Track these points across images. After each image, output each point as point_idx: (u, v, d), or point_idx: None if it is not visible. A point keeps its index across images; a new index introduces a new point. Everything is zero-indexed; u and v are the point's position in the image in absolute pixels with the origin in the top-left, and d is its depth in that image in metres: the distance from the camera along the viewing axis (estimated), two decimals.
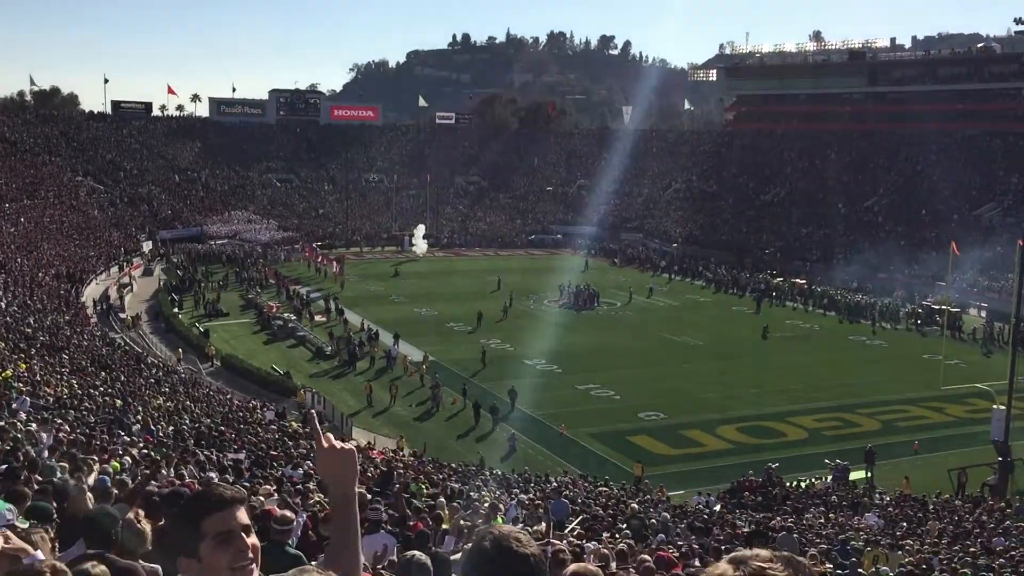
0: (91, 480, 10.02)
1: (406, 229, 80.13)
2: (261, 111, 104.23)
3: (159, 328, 48.30)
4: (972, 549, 19.01)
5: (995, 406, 32.86)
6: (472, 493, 20.44)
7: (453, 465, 27.11)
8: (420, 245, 77.17)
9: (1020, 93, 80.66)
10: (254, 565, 2.48)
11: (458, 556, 7.22)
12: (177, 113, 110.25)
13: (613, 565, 9.88)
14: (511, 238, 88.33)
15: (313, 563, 5.54)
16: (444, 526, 11.28)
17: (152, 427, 20.73)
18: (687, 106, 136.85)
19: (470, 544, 2.29)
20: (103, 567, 3.58)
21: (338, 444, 2.66)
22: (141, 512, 5.27)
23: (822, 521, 22.42)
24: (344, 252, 72.34)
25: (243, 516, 2.48)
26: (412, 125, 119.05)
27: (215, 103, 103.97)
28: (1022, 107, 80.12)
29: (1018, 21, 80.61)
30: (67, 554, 4.92)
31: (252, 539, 2.50)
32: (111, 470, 12.12)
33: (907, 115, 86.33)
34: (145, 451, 16.24)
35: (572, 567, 3.49)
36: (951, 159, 78.50)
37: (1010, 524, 22.77)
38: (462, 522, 12.17)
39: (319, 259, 67.34)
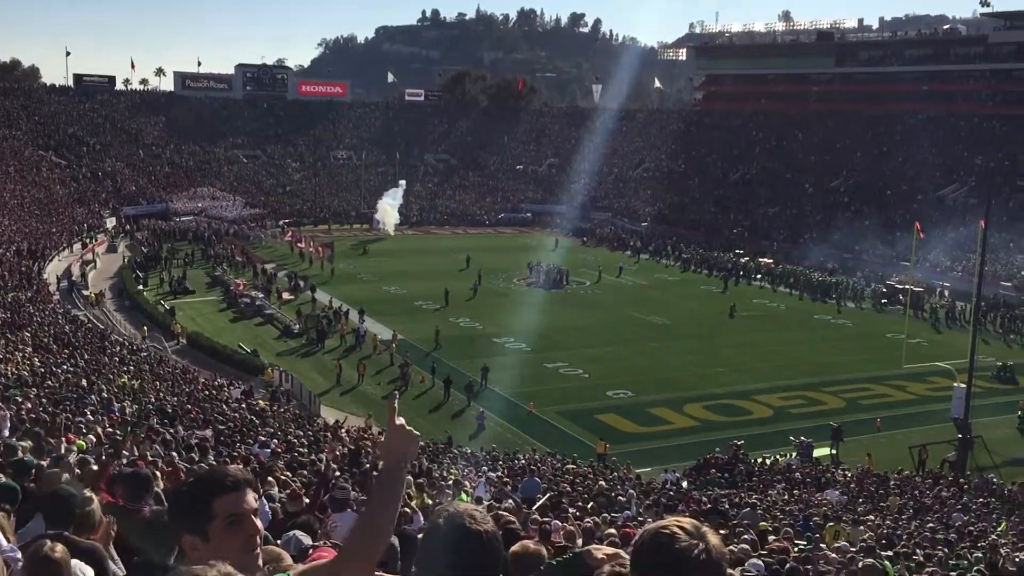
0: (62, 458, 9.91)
1: (375, 208, 79.22)
2: (227, 86, 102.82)
3: (123, 305, 47.74)
4: (931, 524, 19.39)
5: (956, 384, 33.44)
6: (443, 471, 20.49)
7: (421, 443, 27.11)
8: (386, 210, 76.42)
9: (984, 75, 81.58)
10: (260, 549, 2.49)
11: None
12: (141, 87, 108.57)
13: (579, 542, 9.96)
14: (480, 217, 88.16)
15: (278, 542, 5.53)
16: (412, 504, 11.29)
17: (116, 405, 20.52)
18: (657, 85, 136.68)
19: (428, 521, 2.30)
20: (62, 547, 3.53)
21: (407, 426, 2.70)
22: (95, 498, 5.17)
23: (786, 497, 22.71)
24: (330, 238, 67.51)
25: (251, 499, 2.49)
26: (380, 102, 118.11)
27: (180, 77, 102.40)
28: (986, 88, 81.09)
29: (984, 3, 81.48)
30: (26, 531, 4.85)
31: (257, 522, 2.50)
32: (76, 449, 11.99)
33: (874, 96, 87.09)
34: (109, 429, 16.08)
35: (515, 546, 3.49)
36: (917, 140, 79.24)
37: (968, 500, 23.24)
38: (428, 500, 12.20)
39: (303, 243, 63.58)
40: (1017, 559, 14.66)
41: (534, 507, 14.69)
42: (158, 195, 79.07)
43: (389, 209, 76.75)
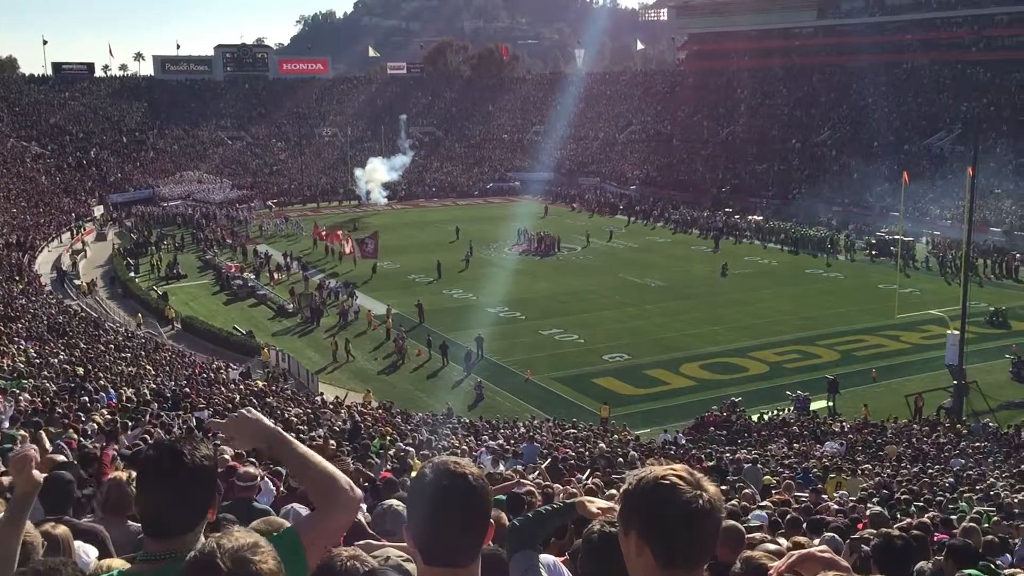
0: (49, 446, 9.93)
1: (363, 169, 79.21)
2: (207, 68, 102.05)
3: (116, 293, 47.61)
4: (930, 471, 19.59)
5: (949, 331, 33.63)
6: (443, 442, 20.61)
7: (421, 415, 27.25)
8: (376, 171, 76.61)
9: (967, 20, 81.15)
10: None
11: None
12: (121, 73, 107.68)
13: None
14: (469, 187, 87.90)
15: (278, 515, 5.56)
16: (413, 473, 11.36)
17: (114, 392, 20.54)
18: (639, 47, 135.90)
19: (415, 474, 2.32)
20: (64, 528, 3.56)
21: (226, 421, 2.78)
22: (130, 474, 5.26)
23: (785, 451, 22.90)
24: (348, 227, 60.75)
25: None
26: (363, 77, 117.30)
27: (159, 61, 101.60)
28: (969, 35, 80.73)
29: None
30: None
31: None
32: (73, 437, 12.00)
33: (856, 47, 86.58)
34: (108, 416, 16.10)
35: None
36: (901, 90, 79.22)
37: (966, 445, 23.45)
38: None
39: (331, 238, 55.72)
40: (1016, 500, 14.83)
41: (535, 473, 14.79)
42: (144, 181, 78.64)
43: (379, 171, 76.89)
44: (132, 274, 50.30)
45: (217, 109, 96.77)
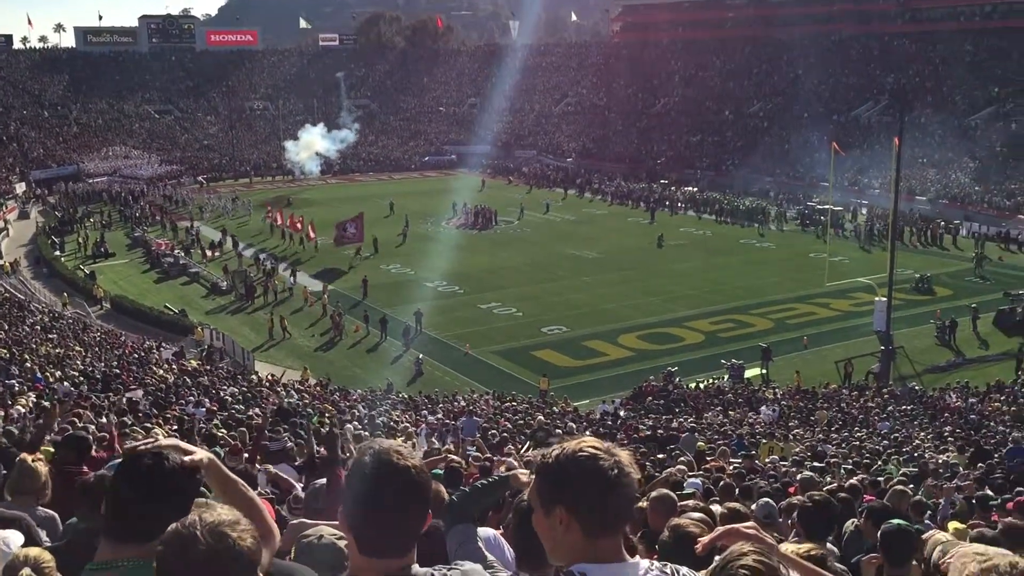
0: None
1: (297, 140, 77.73)
2: (132, 39, 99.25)
3: (41, 273, 46.28)
4: (859, 434, 20.14)
5: (877, 298, 34.51)
6: (382, 418, 20.55)
7: (360, 391, 27.12)
8: (312, 142, 75.30)
9: None
10: None
11: None
12: (40, 45, 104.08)
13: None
14: (405, 161, 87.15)
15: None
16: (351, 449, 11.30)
17: (41, 375, 20.03)
18: (573, 18, 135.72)
19: (352, 460, 2.23)
20: None
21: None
22: (36, 456, 5.21)
23: (721, 419, 23.32)
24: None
25: None
26: (294, 48, 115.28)
27: (81, 32, 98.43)
28: (895, 7, 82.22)
29: None
30: None
31: None
32: None
33: (786, 19, 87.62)
34: (35, 400, 15.70)
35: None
36: (830, 62, 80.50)
37: (893, 409, 24.15)
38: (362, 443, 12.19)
39: (288, 222, 52.86)
40: (939, 460, 15.34)
41: (474, 447, 14.84)
42: (68, 157, 76.34)
43: (317, 141, 75.48)
44: (57, 253, 48.92)
45: (143, 82, 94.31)
